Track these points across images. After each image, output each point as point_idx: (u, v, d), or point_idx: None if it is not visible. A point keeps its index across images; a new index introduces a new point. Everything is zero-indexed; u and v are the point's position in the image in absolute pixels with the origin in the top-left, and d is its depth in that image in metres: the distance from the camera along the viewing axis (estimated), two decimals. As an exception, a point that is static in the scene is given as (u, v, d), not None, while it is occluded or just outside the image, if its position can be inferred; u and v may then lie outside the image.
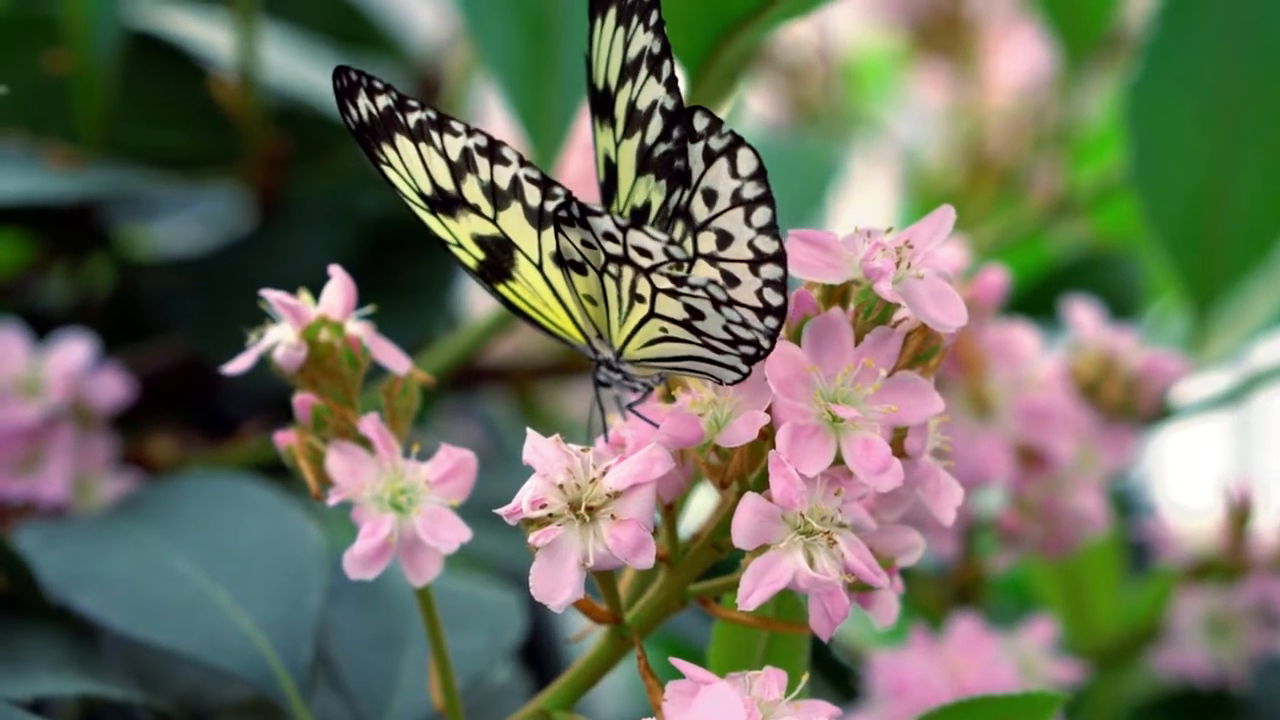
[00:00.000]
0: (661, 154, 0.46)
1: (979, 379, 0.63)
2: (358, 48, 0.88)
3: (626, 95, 0.46)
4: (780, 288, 0.44)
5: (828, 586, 0.43)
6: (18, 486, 0.63)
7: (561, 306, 0.47)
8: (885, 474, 0.43)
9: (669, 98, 0.46)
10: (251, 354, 0.48)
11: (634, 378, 0.47)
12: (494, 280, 0.47)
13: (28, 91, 0.73)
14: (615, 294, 0.45)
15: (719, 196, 0.45)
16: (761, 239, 0.45)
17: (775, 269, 0.45)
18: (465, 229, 0.46)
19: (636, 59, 0.46)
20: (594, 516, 0.44)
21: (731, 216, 0.45)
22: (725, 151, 0.45)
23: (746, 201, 0.45)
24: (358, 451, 0.47)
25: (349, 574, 0.46)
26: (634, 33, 0.46)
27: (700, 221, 0.46)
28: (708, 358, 0.45)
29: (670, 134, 0.46)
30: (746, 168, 0.45)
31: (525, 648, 0.71)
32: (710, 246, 0.45)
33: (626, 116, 0.46)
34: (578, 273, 0.46)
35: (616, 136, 0.47)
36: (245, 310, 0.51)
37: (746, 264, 0.45)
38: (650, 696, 0.45)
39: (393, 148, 0.46)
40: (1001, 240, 0.91)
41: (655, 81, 0.46)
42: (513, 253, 0.46)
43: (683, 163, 0.46)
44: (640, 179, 0.46)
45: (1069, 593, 0.74)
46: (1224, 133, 0.74)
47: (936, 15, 1.03)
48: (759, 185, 0.45)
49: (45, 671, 0.53)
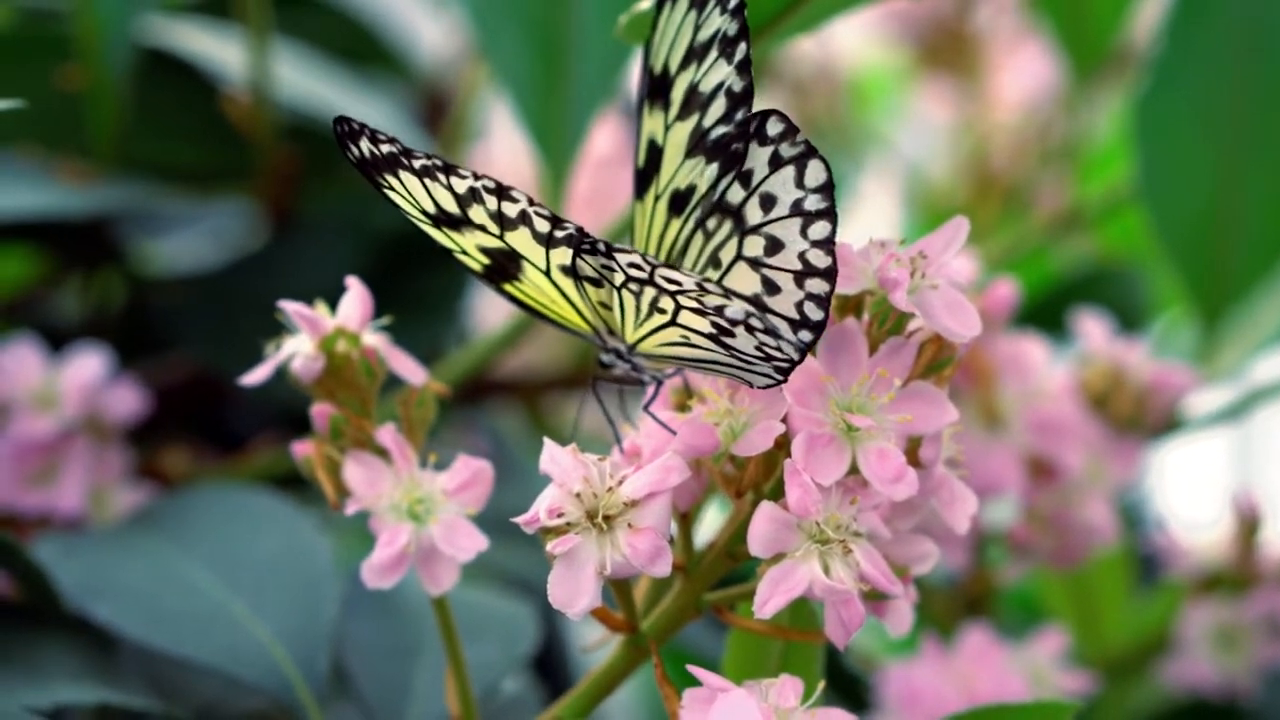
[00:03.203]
0: (719, 136, 0.46)
1: (990, 391, 0.63)
2: (366, 65, 0.89)
3: (689, 77, 0.46)
4: (824, 303, 0.44)
5: (843, 595, 0.44)
6: (34, 499, 0.63)
7: (569, 304, 0.47)
8: (900, 483, 0.44)
9: (739, 79, 0.46)
10: (269, 365, 0.48)
11: (644, 369, 0.47)
12: (499, 281, 0.47)
13: (41, 107, 0.74)
14: (633, 305, 0.45)
15: (778, 203, 0.45)
16: (815, 253, 0.44)
17: (823, 284, 0.44)
18: (470, 241, 0.46)
19: (708, 41, 0.46)
20: (611, 525, 0.44)
21: (787, 225, 0.45)
22: (795, 160, 0.45)
23: (807, 213, 0.45)
24: (375, 462, 0.48)
25: (367, 583, 0.46)
26: (708, 15, 0.46)
27: (752, 225, 0.45)
28: (736, 366, 0.45)
29: (733, 116, 0.46)
30: (815, 180, 0.45)
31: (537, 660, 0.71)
32: (757, 251, 0.45)
33: (685, 98, 0.46)
34: (593, 285, 0.46)
35: (669, 119, 0.47)
36: (257, 325, 0.51)
37: (793, 274, 0.45)
38: (667, 705, 0.45)
39: (395, 178, 0.46)
40: (1007, 255, 0.92)
41: (725, 63, 0.46)
42: (519, 261, 0.46)
43: (740, 146, 0.46)
44: (688, 161, 0.46)
45: (1078, 604, 0.74)
46: (1231, 147, 0.74)
47: (942, 31, 1.04)
48: (824, 199, 0.45)
49: (64, 680, 0.53)
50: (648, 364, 0.47)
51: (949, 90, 1.05)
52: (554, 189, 0.70)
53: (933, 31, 1.04)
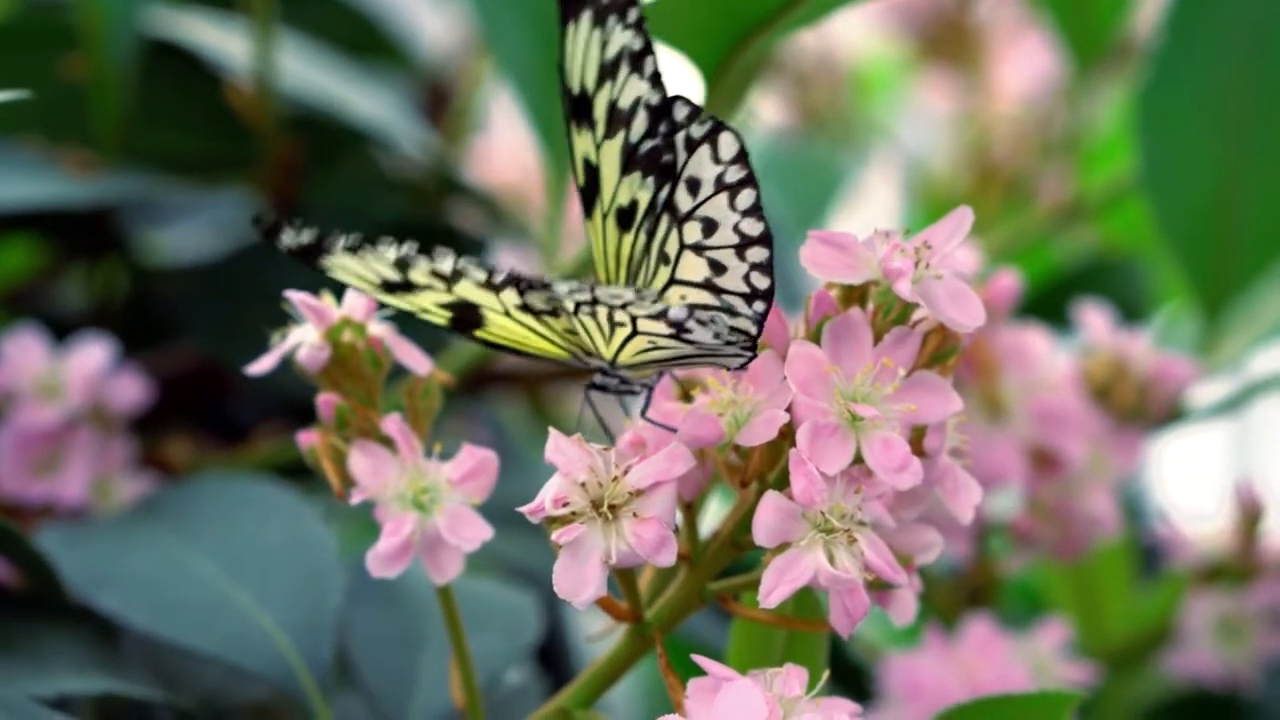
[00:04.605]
0: (648, 150, 0.46)
1: (992, 382, 0.63)
2: (368, 57, 0.89)
3: (606, 96, 0.46)
4: (767, 270, 0.45)
5: (848, 584, 0.44)
6: (38, 488, 0.63)
7: (540, 338, 0.47)
8: (904, 472, 0.44)
9: (653, 93, 0.46)
10: (275, 355, 0.48)
11: (632, 380, 0.47)
12: (469, 330, 0.47)
13: (45, 97, 0.74)
14: (594, 326, 0.45)
15: (703, 183, 0.45)
16: (746, 222, 0.45)
17: (762, 251, 0.45)
18: (428, 300, 0.46)
19: (615, 58, 0.46)
20: (616, 515, 0.44)
21: (716, 202, 0.45)
22: (706, 138, 0.45)
23: (730, 185, 0.45)
24: (380, 451, 0.48)
25: (372, 572, 0.46)
26: (611, 33, 0.46)
27: (685, 212, 0.45)
28: (705, 355, 0.45)
29: (656, 130, 0.46)
30: (728, 151, 0.45)
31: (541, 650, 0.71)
32: (696, 236, 0.45)
33: (608, 117, 0.46)
34: (551, 317, 0.46)
35: (597, 139, 0.47)
36: (260, 315, 0.51)
37: (733, 249, 0.45)
38: (672, 694, 0.45)
39: (334, 260, 0.45)
40: (1008, 247, 0.92)
41: (638, 78, 0.46)
42: (478, 311, 0.46)
43: (670, 157, 0.46)
44: (625, 178, 0.46)
45: (1080, 596, 0.74)
46: (1234, 138, 0.74)
47: (943, 23, 1.04)
48: (741, 168, 0.45)
49: (67, 669, 0.53)
50: (633, 374, 0.47)
51: (950, 82, 1.05)
52: (556, 179, 0.70)
53: (934, 23, 1.04)
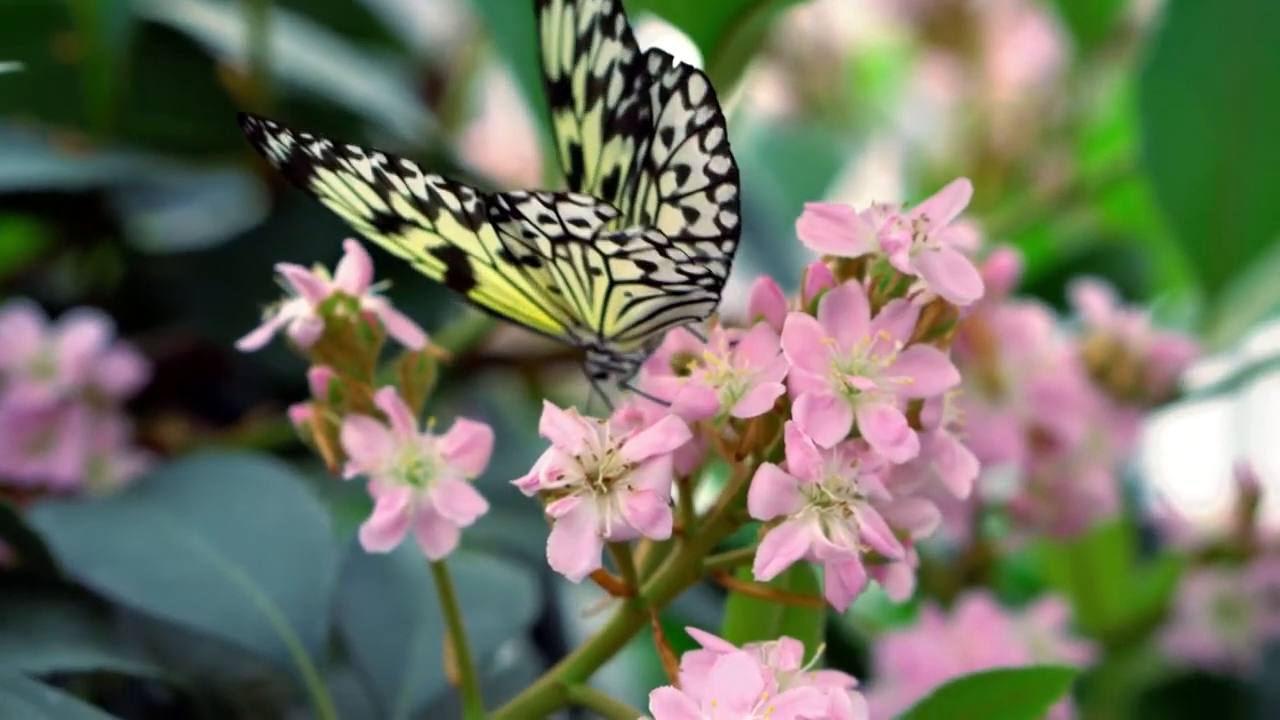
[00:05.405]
0: (626, 110, 0.46)
1: (991, 361, 0.63)
2: (363, 42, 0.88)
3: (584, 69, 0.47)
4: (734, 208, 0.45)
5: (844, 557, 0.43)
6: (31, 467, 0.63)
7: (530, 301, 0.47)
8: (901, 445, 0.44)
9: (625, 51, 0.46)
10: (267, 329, 0.48)
11: (622, 357, 0.47)
12: (463, 288, 0.47)
13: (38, 77, 0.73)
14: (573, 275, 0.45)
15: (676, 131, 0.45)
16: (715, 160, 0.45)
17: (729, 189, 0.45)
18: (418, 243, 0.46)
19: (589, 29, 0.46)
20: (611, 488, 0.44)
21: (688, 147, 0.45)
22: (678, 85, 0.45)
23: (699, 127, 0.45)
24: (374, 426, 0.47)
25: (366, 546, 0.46)
26: (582, 6, 0.46)
27: (661, 163, 0.46)
28: (676, 304, 0.45)
29: (632, 87, 0.46)
30: (697, 94, 0.45)
31: (535, 629, 0.71)
32: (672, 186, 0.45)
33: (586, 89, 0.47)
34: (531, 266, 0.46)
35: (579, 115, 0.47)
36: (255, 298, 0.51)
37: (704, 191, 0.45)
38: (667, 668, 0.45)
39: (319, 180, 0.46)
40: (1008, 231, 0.91)
41: (610, 40, 0.46)
42: (467, 260, 0.46)
43: (646, 111, 0.46)
44: (607, 146, 0.47)
45: (1078, 577, 0.74)
46: (1233, 121, 0.74)
47: (942, 8, 1.03)
48: (710, 108, 0.45)
49: (61, 646, 0.53)
50: (621, 348, 0.47)
51: (950, 68, 1.04)
52: (554, 165, 0.70)
53: (933, 9, 1.04)
